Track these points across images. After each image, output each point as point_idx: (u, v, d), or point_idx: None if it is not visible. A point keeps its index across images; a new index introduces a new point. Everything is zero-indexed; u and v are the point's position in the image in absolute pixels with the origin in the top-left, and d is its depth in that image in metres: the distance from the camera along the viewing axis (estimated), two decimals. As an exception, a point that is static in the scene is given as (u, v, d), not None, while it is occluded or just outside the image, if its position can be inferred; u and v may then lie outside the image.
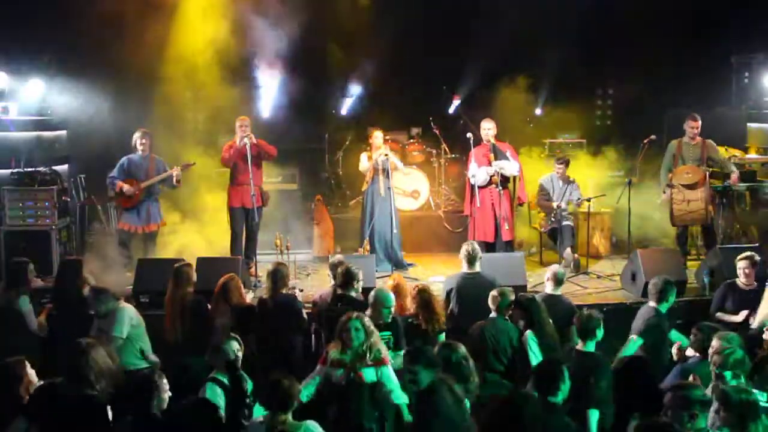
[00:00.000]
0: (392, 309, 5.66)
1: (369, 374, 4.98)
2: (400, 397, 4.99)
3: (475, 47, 11.41)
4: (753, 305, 6.24)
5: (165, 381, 4.37)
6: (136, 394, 4.30)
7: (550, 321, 5.83)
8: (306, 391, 4.90)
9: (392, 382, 5.03)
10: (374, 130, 9.07)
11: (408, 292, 6.27)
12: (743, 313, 6.33)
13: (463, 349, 4.71)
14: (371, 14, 10.46)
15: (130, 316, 5.89)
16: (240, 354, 4.90)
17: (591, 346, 5.15)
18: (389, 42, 10.52)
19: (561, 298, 6.39)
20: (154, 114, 9.40)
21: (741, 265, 6.56)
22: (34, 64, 9.37)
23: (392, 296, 5.70)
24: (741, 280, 6.56)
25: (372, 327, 5.10)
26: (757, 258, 6.58)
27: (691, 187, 8.45)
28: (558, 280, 6.36)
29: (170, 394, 4.37)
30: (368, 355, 4.98)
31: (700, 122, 8.52)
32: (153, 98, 9.51)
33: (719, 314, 6.54)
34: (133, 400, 4.32)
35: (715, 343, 4.72)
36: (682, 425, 3.79)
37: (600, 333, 5.16)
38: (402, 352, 5.51)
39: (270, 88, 10.93)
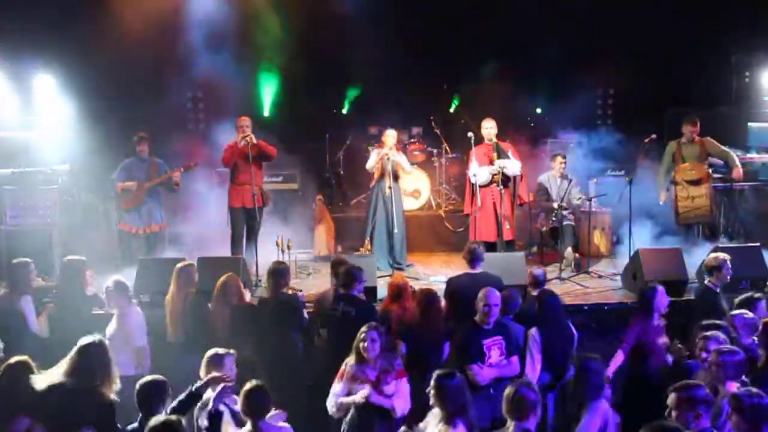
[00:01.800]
0: (493, 308, 5.42)
1: (389, 388, 4.98)
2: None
3: (476, 46, 11.43)
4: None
5: None
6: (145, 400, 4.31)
7: (568, 323, 5.81)
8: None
9: (404, 394, 5.02)
10: (387, 129, 9.03)
11: (410, 294, 6.24)
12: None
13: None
14: (372, 12, 10.45)
15: None
16: None
17: None
18: (390, 41, 10.52)
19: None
20: (155, 114, 9.40)
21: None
22: (36, 63, 9.37)
23: (497, 294, 5.49)
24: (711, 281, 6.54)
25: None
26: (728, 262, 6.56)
27: (695, 183, 8.44)
28: (536, 282, 6.31)
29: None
30: (392, 370, 4.97)
31: (698, 126, 8.54)
32: (154, 98, 9.52)
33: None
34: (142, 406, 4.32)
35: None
36: (686, 425, 3.78)
37: None
38: (513, 360, 5.46)
39: (271, 87, 10.96)
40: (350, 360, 5.10)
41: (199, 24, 9.80)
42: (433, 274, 8.67)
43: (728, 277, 6.42)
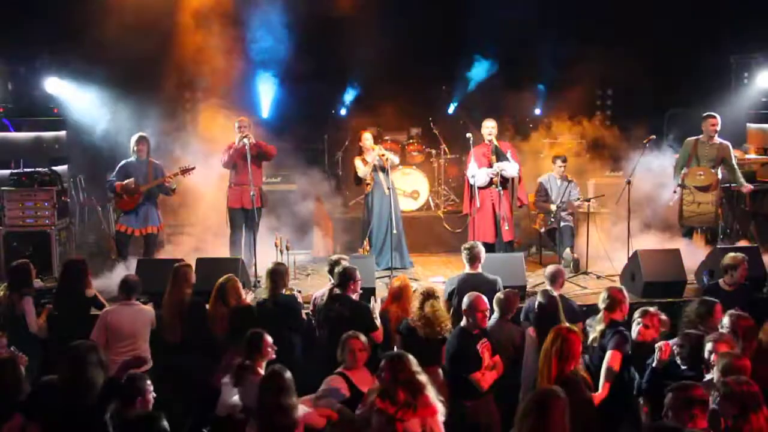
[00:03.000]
0: (485, 313, 5.48)
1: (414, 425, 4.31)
2: None
3: (475, 46, 11.44)
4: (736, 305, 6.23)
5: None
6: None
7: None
8: None
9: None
10: (363, 132, 9.04)
11: (411, 295, 6.22)
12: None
13: None
14: (371, 13, 10.46)
15: None
16: None
17: None
18: (389, 41, 10.52)
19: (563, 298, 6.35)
20: (154, 115, 9.40)
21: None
22: (34, 64, 9.38)
23: (485, 299, 5.51)
24: (725, 280, 6.59)
25: (417, 368, 4.39)
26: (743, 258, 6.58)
27: (703, 189, 8.41)
28: (551, 279, 6.34)
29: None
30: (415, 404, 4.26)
31: (719, 120, 8.47)
32: (153, 99, 9.52)
33: None
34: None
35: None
36: (683, 426, 3.78)
37: None
38: (498, 359, 5.44)
39: (270, 88, 10.95)
40: (374, 390, 4.55)
41: (198, 23, 9.80)
42: (432, 274, 8.68)
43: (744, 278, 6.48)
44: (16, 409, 4.32)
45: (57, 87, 9.54)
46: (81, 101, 9.54)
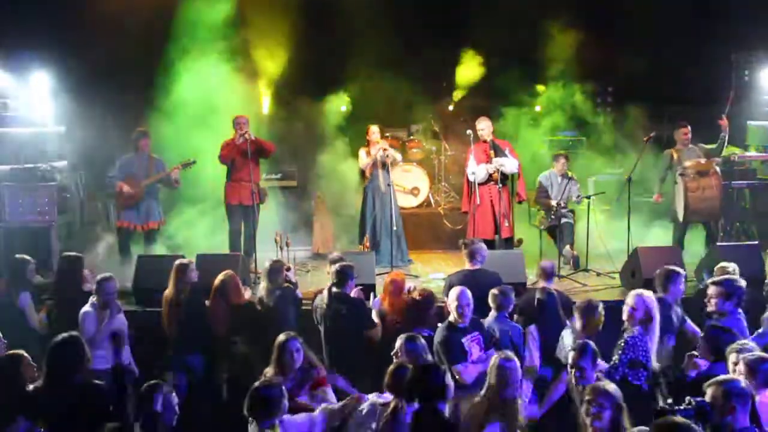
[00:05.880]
0: (466, 308, 5.47)
1: None
2: None
3: (476, 44, 11.43)
4: None
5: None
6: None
7: (565, 320, 5.81)
8: None
9: None
10: (370, 125, 9.08)
11: (392, 291, 6.19)
12: None
13: None
14: (371, 10, 10.46)
15: None
16: None
17: None
18: (389, 38, 10.52)
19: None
20: (154, 112, 9.39)
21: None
22: (35, 61, 9.37)
23: (468, 293, 5.52)
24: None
25: None
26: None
27: (703, 173, 8.36)
28: (547, 274, 6.35)
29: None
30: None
31: (689, 129, 8.59)
32: (153, 96, 9.50)
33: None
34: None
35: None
36: (721, 420, 3.81)
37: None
38: (492, 353, 5.41)
39: (268, 85, 10.95)
40: None
41: (195, 20, 9.78)
42: (432, 271, 8.69)
43: None
44: (17, 412, 4.30)
45: (54, 84, 9.53)
46: (79, 98, 9.52)
